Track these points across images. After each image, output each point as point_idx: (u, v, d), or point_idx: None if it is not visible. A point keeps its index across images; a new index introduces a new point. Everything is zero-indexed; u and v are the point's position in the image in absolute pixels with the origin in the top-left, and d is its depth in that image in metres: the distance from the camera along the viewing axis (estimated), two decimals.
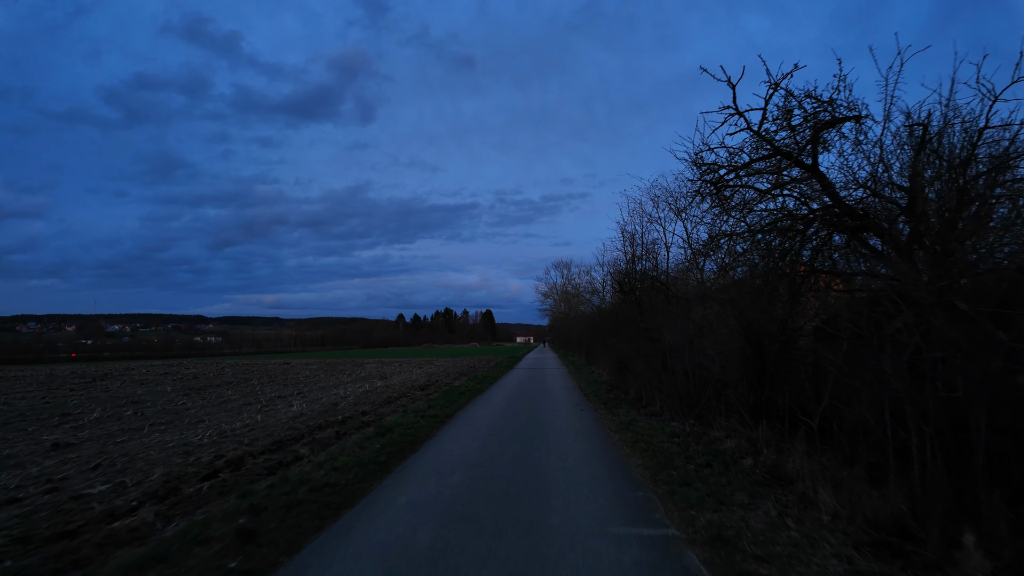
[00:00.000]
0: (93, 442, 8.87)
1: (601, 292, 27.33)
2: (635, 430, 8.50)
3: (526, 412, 11.06)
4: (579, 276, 55.92)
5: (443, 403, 12.47)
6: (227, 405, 13.84)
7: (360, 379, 22.08)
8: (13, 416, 12.25)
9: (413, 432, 8.70)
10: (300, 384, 20.10)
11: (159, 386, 20.37)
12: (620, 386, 14.96)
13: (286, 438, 8.71)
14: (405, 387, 17.19)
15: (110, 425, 10.74)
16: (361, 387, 17.83)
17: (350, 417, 10.96)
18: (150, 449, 8.06)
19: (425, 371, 25.73)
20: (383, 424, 9.72)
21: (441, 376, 21.78)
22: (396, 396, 14.58)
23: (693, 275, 13.02)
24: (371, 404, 12.93)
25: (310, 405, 13.18)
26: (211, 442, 8.40)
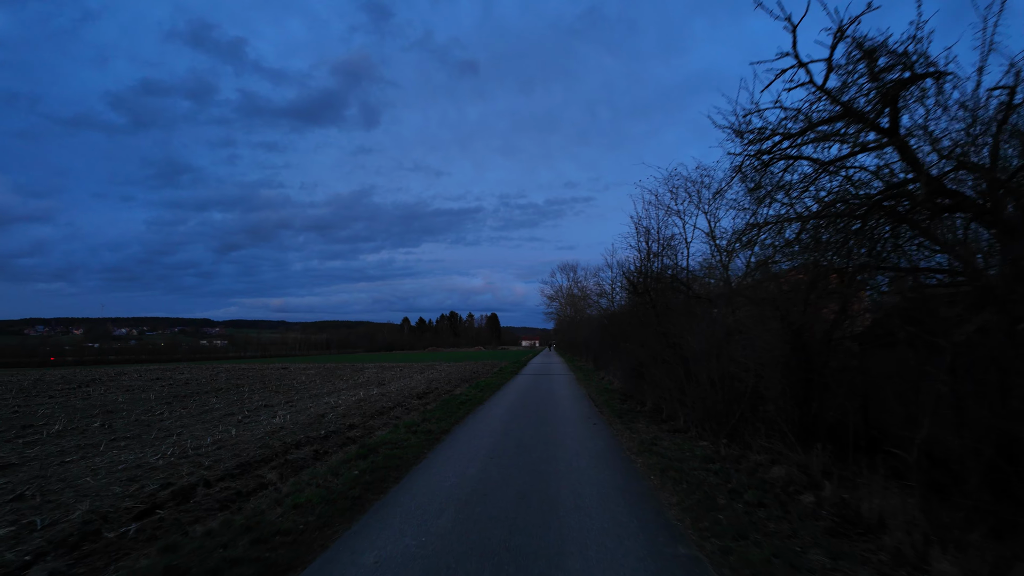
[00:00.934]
0: (36, 462, 7.70)
1: (610, 294, 26.10)
2: (660, 452, 7.25)
3: (532, 427, 9.83)
4: (586, 279, 54.73)
5: (440, 415, 11.25)
6: (207, 416, 12.67)
7: (357, 386, 20.90)
8: None
9: (401, 453, 7.48)
10: (292, 391, 18.93)
11: (143, 393, 19.24)
12: (635, 395, 13.70)
13: (255, 459, 7.51)
14: (402, 395, 15.98)
15: (68, 440, 9.58)
16: (356, 395, 16.64)
17: (335, 432, 9.77)
18: (95, 472, 6.88)
19: (426, 377, 24.52)
20: (369, 441, 8.51)
21: (442, 383, 20.57)
22: (391, 406, 13.37)
23: (717, 273, 11.78)
24: (362, 415, 11.73)
25: (295, 416, 12.00)
26: (167, 464, 7.22)
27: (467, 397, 14.88)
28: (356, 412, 12.29)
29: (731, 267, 11.40)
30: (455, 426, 9.99)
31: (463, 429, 9.68)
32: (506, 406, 13.17)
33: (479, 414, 11.71)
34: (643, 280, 13.53)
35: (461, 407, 12.68)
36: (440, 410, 12.11)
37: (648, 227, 12.84)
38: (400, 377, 25.20)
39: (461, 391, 17.01)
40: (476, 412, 12.05)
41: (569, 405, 13.30)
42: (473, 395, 15.47)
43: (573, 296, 59.91)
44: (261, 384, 22.75)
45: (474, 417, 11.22)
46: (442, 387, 18.67)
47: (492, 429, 9.59)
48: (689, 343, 9.99)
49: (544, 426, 9.88)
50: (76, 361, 70.80)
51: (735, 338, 8.94)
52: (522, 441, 8.39)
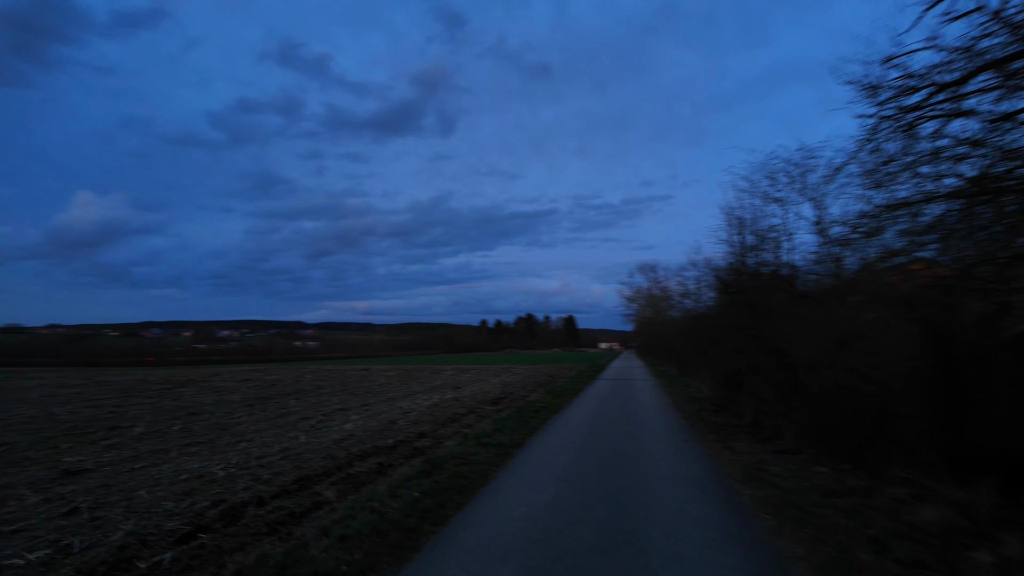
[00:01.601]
0: (108, 468, 7.66)
1: (696, 294, 24.43)
2: (770, 481, 6.11)
3: (613, 442, 8.87)
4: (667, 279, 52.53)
5: (513, 425, 10.51)
6: (282, 420, 12.62)
7: (432, 389, 20.63)
8: (64, 429, 11.58)
9: (468, 470, 6.78)
10: (369, 394, 18.89)
11: (230, 395, 19.87)
12: (728, 407, 12.37)
13: (316, 472, 7.07)
14: (476, 400, 15.42)
15: (145, 444, 9.65)
16: (430, 399, 16.27)
17: (403, 441, 9.26)
18: (156, 483, 6.67)
19: (501, 381, 23.96)
20: (436, 455, 7.89)
21: (517, 387, 19.89)
22: (463, 413, 12.81)
23: (826, 267, 10.32)
24: (433, 423, 11.21)
25: (367, 422, 11.67)
26: (227, 476, 6.90)
27: (542, 404, 14.08)
28: (428, 419, 11.80)
29: (845, 261, 9.94)
30: (528, 439, 9.20)
31: (537, 443, 8.87)
32: (584, 416, 12.24)
33: (555, 425, 10.86)
34: (736, 278, 12.19)
35: (536, 416, 11.89)
36: (513, 419, 11.37)
37: (742, 218, 11.50)
38: (475, 380, 24.79)
39: (536, 397, 16.23)
40: (552, 422, 11.21)
41: (654, 416, 12.17)
42: (549, 402, 14.64)
43: (653, 297, 57.70)
44: (341, 386, 23.02)
45: (549, 428, 10.39)
46: (517, 392, 17.97)
47: (569, 444, 8.72)
48: (795, 349, 8.70)
49: (627, 442, 8.88)
50: (184, 361, 76.39)
51: (852, 343, 7.59)
52: (602, 460, 7.47)
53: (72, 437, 10.46)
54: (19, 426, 12.03)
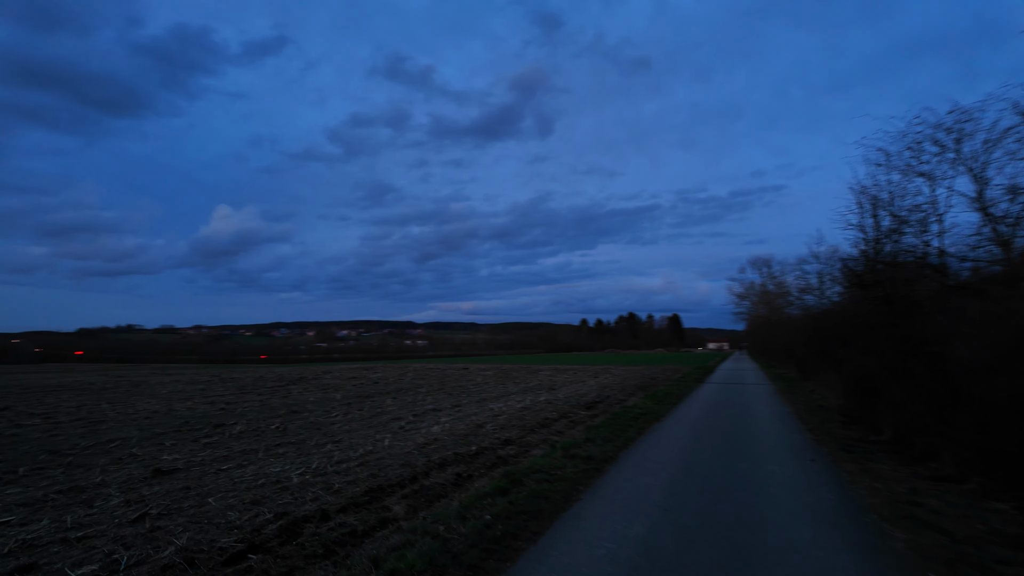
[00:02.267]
0: (196, 469, 7.72)
1: (817, 289, 22.01)
2: (931, 522, 4.79)
3: (723, 460, 7.73)
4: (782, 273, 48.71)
5: (607, 434, 9.61)
6: (374, 420, 12.56)
7: (527, 390, 20.08)
8: (176, 425, 12.21)
9: (551, 488, 6.03)
10: (463, 394, 18.67)
11: (334, 392, 20.50)
12: (862, 418, 10.62)
13: (391, 482, 6.63)
14: (570, 404, 14.61)
15: (240, 443, 9.81)
16: (522, 401, 15.68)
17: (487, 449, 8.68)
18: (233, 487, 6.54)
19: (598, 382, 22.93)
20: (518, 467, 7.21)
21: (615, 390, 18.80)
22: (554, 417, 12.05)
23: (987, 252, 8.46)
24: (521, 428, 10.57)
25: (455, 425, 11.26)
26: (301, 483, 6.64)
27: (641, 410, 12.99)
28: (516, 423, 11.18)
29: (1016, 242, 8.10)
30: (622, 452, 8.26)
31: (632, 457, 7.92)
32: (688, 425, 11.04)
33: (654, 436, 9.81)
34: (870, 268, 10.45)
35: (633, 424, 10.88)
36: (607, 427, 10.45)
37: (877, 197, 9.78)
38: (572, 382, 23.94)
39: (635, 402, 15.12)
40: (650, 432, 10.16)
41: (772, 428, 10.72)
42: (648, 408, 13.51)
43: (767, 294, 53.72)
44: (439, 385, 23.11)
45: (647, 440, 9.36)
46: (614, 395, 16.92)
47: (669, 460, 7.69)
48: (951, 350, 7.10)
49: (740, 460, 7.69)
50: (307, 359, 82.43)
51: None
52: (709, 483, 6.40)
53: (180, 434, 10.93)
54: (140, 421, 12.87)
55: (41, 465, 8.06)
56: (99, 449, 9.27)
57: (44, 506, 5.90)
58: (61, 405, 16.50)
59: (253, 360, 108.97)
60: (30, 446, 9.69)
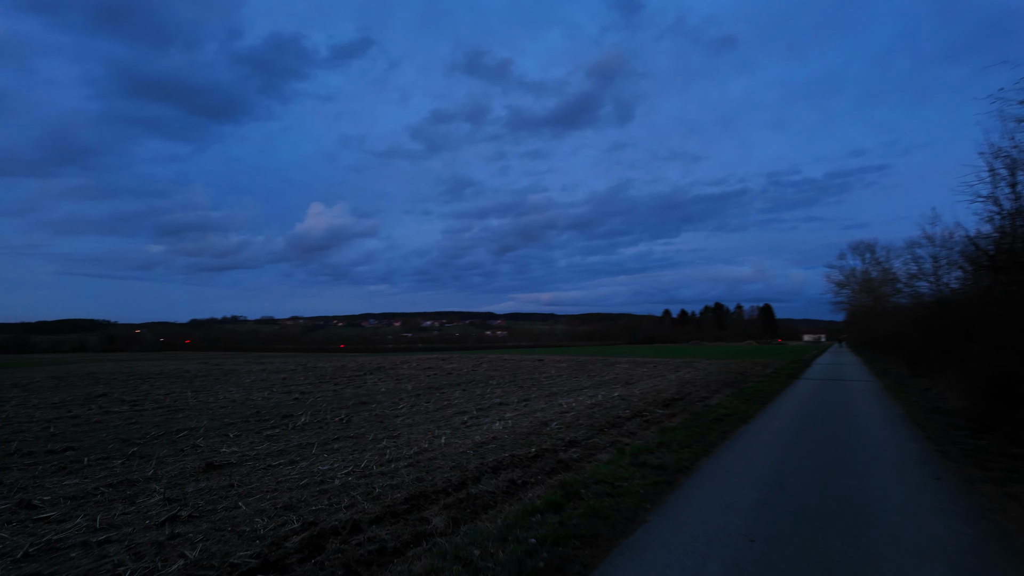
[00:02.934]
0: (249, 464, 7.54)
1: (932, 275, 19.46)
2: None
3: (824, 473, 6.57)
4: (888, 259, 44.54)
5: (683, 438, 8.61)
6: (438, 414, 12.18)
7: (601, 384, 19.13)
8: (247, 415, 12.38)
9: (611, 506, 5.22)
10: (534, 387, 18.03)
11: (407, 383, 20.50)
12: (996, 425, 8.93)
13: (436, 487, 6.06)
14: (646, 401, 13.57)
15: (299, 436, 9.67)
16: (594, 396, 14.80)
17: (548, 451, 7.95)
18: (268, 491, 6.22)
19: (680, 377, 21.54)
20: (578, 477, 6.45)
21: (697, 386, 17.45)
22: (627, 416, 11.12)
23: None
24: (589, 427, 9.75)
25: (519, 421, 10.63)
26: (342, 485, 6.21)
27: (726, 411, 11.77)
28: (584, 422, 10.36)
29: None
30: (701, 461, 7.26)
31: (712, 468, 6.91)
32: (779, 430, 9.77)
33: (739, 442, 8.69)
34: (1008, 246, 8.73)
35: (715, 427, 9.76)
36: (685, 429, 9.42)
37: (1017, 159, 8.08)
38: (650, 376, 22.69)
39: (719, 400, 13.84)
40: (735, 437, 9.03)
41: (880, 435, 9.27)
42: (734, 408, 12.25)
43: (870, 281, 49.44)
44: (511, 377, 22.61)
45: (731, 447, 8.27)
46: (696, 392, 15.65)
47: (757, 473, 6.62)
48: None
49: (844, 475, 6.50)
50: (394, 348, 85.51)
51: None
52: (806, 505, 5.34)
53: (247, 424, 11.01)
54: (215, 410, 13.20)
55: (107, 455, 8.19)
56: (166, 439, 9.40)
57: (89, 501, 5.81)
58: (152, 392, 17.43)
59: (342, 350, 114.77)
60: (108, 433, 10.02)
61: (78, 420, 11.57)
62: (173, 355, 72.31)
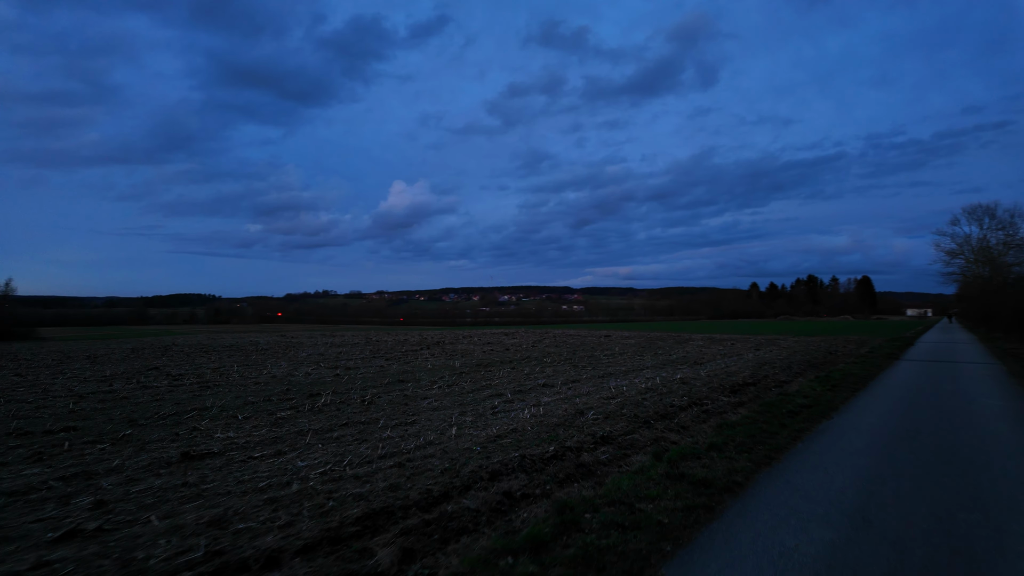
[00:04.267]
0: (231, 454, 6.73)
1: None
2: None
3: (935, 501, 4.80)
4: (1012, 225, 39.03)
5: (744, 437, 6.95)
6: (469, 396, 11.09)
7: (666, 363, 17.37)
8: (272, 393, 11.79)
9: (620, 542, 3.82)
10: (588, 367, 16.58)
11: (458, 359, 19.62)
12: None
13: (408, 501, 4.88)
14: (711, 385, 11.79)
15: (310, 420, 8.86)
16: (652, 379, 13.16)
17: (570, 450, 6.58)
18: (219, 495, 5.30)
19: (758, 357, 19.30)
20: (596, 493, 5.09)
21: (776, 367, 15.30)
22: (683, 405, 9.49)
23: None
24: (631, 419, 8.25)
25: (554, 408, 9.30)
26: (300, 491, 5.15)
27: (805, 400, 9.85)
28: (629, 412, 8.85)
29: None
30: (760, 472, 5.63)
31: (772, 486, 5.27)
32: (871, 429, 7.82)
33: (815, 445, 6.90)
34: None
35: (787, 423, 7.97)
36: (749, 425, 7.73)
37: None
38: (725, 355, 20.57)
39: (799, 385, 11.82)
40: (811, 439, 7.23)
41: (1009, 433, 7.16)
42: (816, 396, 10.28)
43: (988, 250, 43.71)
44: (568, 355, 21.22)
45: (803, 453, 6.52)
46: (773, 375, 13.61)
47: (834, 499, 4.92)
48: None
49: (965, 505, 4.69)
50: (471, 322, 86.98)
51: None
52: (907, 562, 3.68)
53: (269, 404, 10.37)
54: (250, 386, 12.78)
55: (98, 438, 7.65)
56: (172, 420, 8.84)
57: (21, 499, 5.10)
58: (204, 366, 17.52)
59: (423, 323, 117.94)
60: (124, 411, 9.64)
61: (108, 396, 11.40)
62: (262, 328, 76.49)
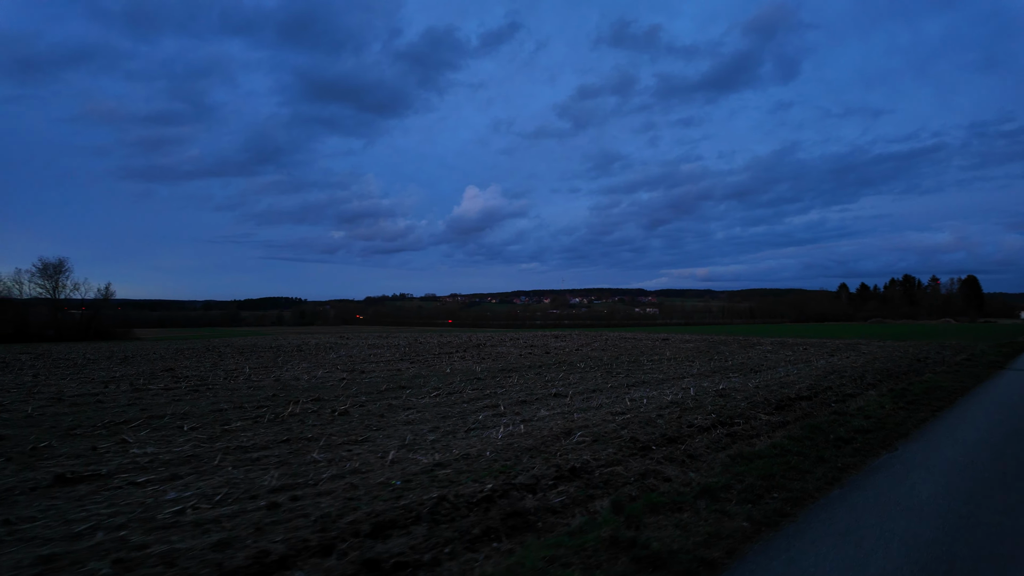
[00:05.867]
0: (120, 477, 5.66)
1: None
2: None
3: None
4: None
5: (762, 474, 5.10)
6: (457, 408, 9.71)
7: (716, 371, 15.24)
8: (255, 400, 10.86)
9: None
10: (621, 373, 14.72)
11: (485, 363, 18.26)
12: None
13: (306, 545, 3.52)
14: (756, 398, 9.74)
15: (257, 434, 7.74)
16: (689, 388, 11.21)
17: (517, 488, 5.02)
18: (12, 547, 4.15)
19: (829, 364, 16.67)
20: (531, 556, 3.52)
21: (844, 377, 12.83)
22: (708, 424, 7.63)
23: None
24: (625, 445, 6.55)
25: (539, 426, 7.71)
26: (93, 547, 3.91)
27: (867, 420, 7.71)
28: (629, 432, 7.13)
29: None
30: (760, 537, 3.84)
31: (773, 563, 3.49)
32: (952, 464, 5.69)
33: (864, 487, 4.95)
34: None
35: (831, 453, 5.98)
36: (777, 456, 5.83)
37: None
38: (792, 361, 18.06)
39: (865, 401, 9.54)
40: (860, 477, 5.26)
41: None
42: (884, 414, 8.09)
43: None
44: (609, 360, 19.33)
45: (840, 502, 4.61)
46: (839, 386, 11.26)
47: None
48: None
49: None
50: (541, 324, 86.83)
51: None
52: None
53: (239, 412, 9.42)
54: (243, 390, 12.02)
55: (8, 451, 6.82)
56: (107, 431, 7.93)
57: None
58: (220, 367, 17.11)
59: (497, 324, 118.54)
60: (80, 417, 8.94)
61: (86, 400, 10.84)
62: (340, 329, 79.23)
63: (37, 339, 50.29)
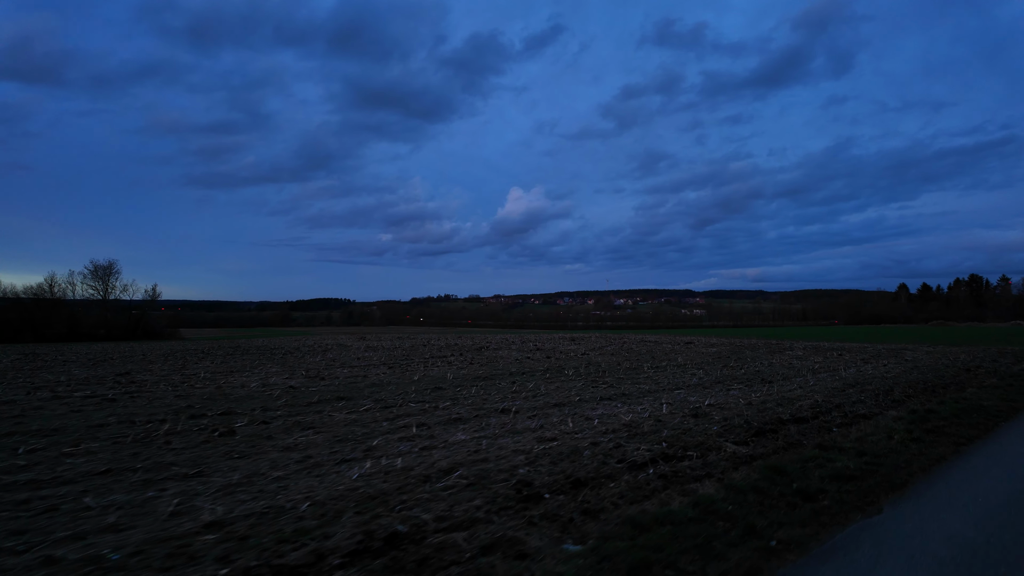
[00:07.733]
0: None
1: None
2: None
3: None
4: None
5: (639, 560, 3.38)
6: (376, 426, 8.20)
7: (719, 381, 13.27)
8: (164, 411, 9.68)
9: None
10: (609, 383, 12.91)
11: (467, 369, 16.75)
12: None
13: None
14: (737, 421, 7.85)
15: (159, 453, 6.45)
16: (662, 405, 9.38)
17: (405, 538, 3.46)
18: None
19: (856, 374, 14.35)
20: None
21: (868, 391, 10.61)
22: (644, 460, 5.92)
23: None
24: (509, 490, 4.94)
25: (416, 460, 6.16)
26: None
27: (858, 460, 5.76)
28: (526, 471, 5.47)
29: None
30: None
31: None
32: (953, 544, 3.81)
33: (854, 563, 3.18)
34: None
35: (776, 518, 4.15)
36: (696, 522, 4.06)
37: None
38: (818, 369, 15.87)
39: (876, 424, 7.50)
40: (806, 563, 3.47)
41: None
42: (886, 449, 6.09)
43: None
44: (609, 366, 17.47)
45: None
46: (852, 404, 9.17)
47: None
48: None
49: None
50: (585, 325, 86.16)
51: None
52: None
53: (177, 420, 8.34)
54: (196, 396, 11.25)
55: None
56: None
57: None
58: (186, 371, 16.21)
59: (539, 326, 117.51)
60: None
61: None
62: (385, 329, 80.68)
63: (88, 338, 52.06)
